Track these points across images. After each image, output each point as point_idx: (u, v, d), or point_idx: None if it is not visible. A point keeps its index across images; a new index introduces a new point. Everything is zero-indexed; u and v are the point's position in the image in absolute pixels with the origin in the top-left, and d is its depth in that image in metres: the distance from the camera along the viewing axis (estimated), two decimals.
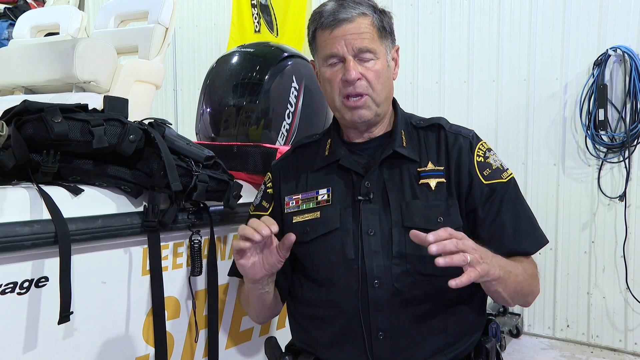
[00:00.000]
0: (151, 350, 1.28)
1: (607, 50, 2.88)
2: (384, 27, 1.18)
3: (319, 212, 1.21)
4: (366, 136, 1.24)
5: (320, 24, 1.17)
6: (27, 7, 4.51)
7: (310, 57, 1.30)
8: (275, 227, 1.08)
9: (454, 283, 0.95)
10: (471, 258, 0.96)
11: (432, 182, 1.17)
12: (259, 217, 1.30)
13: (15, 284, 1.04)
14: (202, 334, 1.41)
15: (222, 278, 1.41)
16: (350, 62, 1.14)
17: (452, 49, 3.38)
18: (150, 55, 2.62)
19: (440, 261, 0.95)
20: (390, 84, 1.21)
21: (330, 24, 1.15)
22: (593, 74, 2.94)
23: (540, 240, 1.20)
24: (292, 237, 1.11)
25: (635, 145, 2.88)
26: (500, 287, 1.06)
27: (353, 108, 1.17)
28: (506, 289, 1.08)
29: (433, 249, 0.94)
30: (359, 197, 1.18)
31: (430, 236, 0.96)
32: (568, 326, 3.13)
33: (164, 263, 1.29)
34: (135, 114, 1.30)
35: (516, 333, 3.14)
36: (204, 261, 1.37)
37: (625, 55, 2.85)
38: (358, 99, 1.16)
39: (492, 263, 1.02)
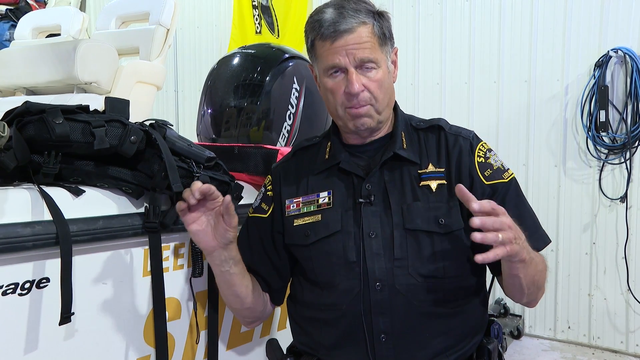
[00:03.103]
0: (152, 351, 1.28)
1: (608, 51, 2.88)
2: (384, 34, 1.16)
3: (320, 215, 1.21)
4: (367, 139, 1.24)
5: (320, 35, 1.14)
6: (29, 8, 4.52)
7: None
8: (200, 192, 1.10)
9: (480, 258, 0.95)
10: (503, 237, 0.96)
11: (433, 184, 1.17)
12: (257, 219, 1.30)
13: (16, 284, 1.04)
14: (203, 335, 1.41)
15: None
16: (353, 75, 1.13)
17: (452, 50, 3.38)
18: (152, 57, 2.62)
19: (478, 236, 0.95)
20: (391, 90, 1.21)
21: (331, 35, 1.13)
22: (594, 75, 2.94)
23: (543, 239, 1.21)
24: (228, 198, 1.13)
25: (637, 147, 2.88)
26: (522, 272, 1.06)
27: (356, 117, 1.17)
28: (527, 276, 1.08)
29: (476, 221, 0.94)
30: (360, 200, 1.17)
31: (475, 204, 0.96)
32: (569, 327, 3.13)
33: (164, 264, 1.29)
34: (136, 115, 1.30)
35: (517, 334, 3.13)
36: (205, 262, 1.37)
37: (626, 56, 2.85)
38: (361, 108, 1.16)
39: (523, 245, 1.02)
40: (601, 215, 3.00)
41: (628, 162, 2.89)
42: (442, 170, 1.19)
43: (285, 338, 1.36)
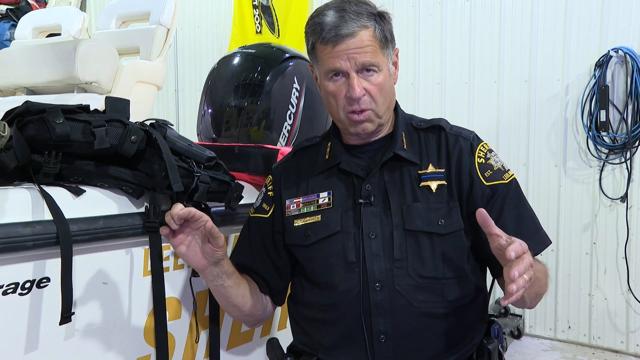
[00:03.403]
0: (152, 351, 1.28)
1: (609, 51, 2.88)
2: (385, 37, 1.16)
3: (319, 216, 1.21)
4: (367, 140, 1.24)
5: (321, 38, 1.13)
6: (29, 8, 4.52)
7: None
8: (179, 218, 1.08)
9: (505, 302, 0.92)
10: (528, 278, 0.93)
11: (433, 185, 1.17)
12: (259, 219, 1.30)
13: (17, 284, 1.04)
14: (204, 334, 1.41)
15: None
16: (354, 79, 1.12)
17: (453, 49, 3.38)
18: (152, 56, 2.62)
19: (514, 287, 0.90)
20: (392, 93, 1.20)
21: (332, 39, 1.12)
22: (594, 75, 2.94)
23: (544, 241, 1.20)
24: (209, 224, 1.12)
25: (637, 147, 2.88)
26: (525, 292, 1.05)
27: (357, 122, 1.17)
28: (530, 293, 1.09)
29: (515, 273, 0.91)
30: (360, 200, 1.17)
31: (512, 253, 0.92)
32: (569, 327, 3.13)
33: (165, 264, 1.29)
34: (136, 115, 1.30)
35: (517, 334, 3.13)
36: None
37: (627, 56, 2.85)
38: (361, 113, 1.16)
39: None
40: (601, 215, 3.00)
41: (628, 162, 2.89)
42: (442, 170, 1.18)
43: (285, 337, 1.36)
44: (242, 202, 1.42)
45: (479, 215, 1.00)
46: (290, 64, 1.77)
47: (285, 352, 1.31)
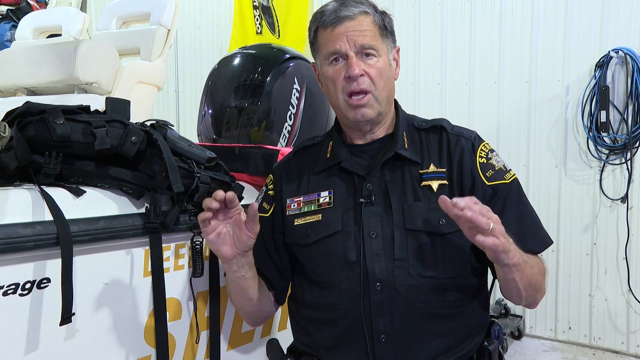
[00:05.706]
0: (152, 352, 1.28)
1: (609, 51, 2.88)
2: (385, 27, 1.19)
3: (320, 215, 1.21)
4: (368, 138, 1.24)
5: (322, 23, 1.18)
6: (30, 8, 4.52)
7: (311, 59, 1.30)
8: (230, 194, 1.10)
9: (482, 238, 0.96)
10: (495, 227, 0.96)
11: (434, 184, 1.17)
12: (259, 219, 1.30)
13: (17, 285, 1.04)
14: (204, 335, 1.41)
15: (224, 279, 1.41)
16: (353, 59, 1.15)
17: (453, 50, 3.38)
18: (152, 57, 2.62)
19: (468, 213, 0.94)
20: (391, 83, 1.21)
21: (332, 21, 1.16)
22: (595, 75, 2.94)
23: (545, 241, 1.20)
24: (255, 206, 1.14)
25: (638, 147, 2.88)
26: (517, 275, 1.06)
27: (356, 107, 1.17)
28: (522, 279, 1.08)
29: (461, 203, 0.95)
30: (361, 200, 1.17)
31: (461, 202, 0.96)
32: (570, 328, 3.13)
33: (165, 264, 1.29)
34: (137, 116, 1.30)
35: (518, 335, 3.13)
36: (206, 262, 1.37)
37: (627, 56, 2.85)
38: (361, 97, 1.16)
39: (514, 248, 1.02)
40: (602, 216, 3.00)
41: (629, 162, 2.89)
42: (444, 170, 1.18)
43: (285, 338, 1.36)
44: (242, 202, 1.42)
45: (441, 202, 0.99)
46: (291, 64, 1.77)
47: (285, 352, 1.31)
